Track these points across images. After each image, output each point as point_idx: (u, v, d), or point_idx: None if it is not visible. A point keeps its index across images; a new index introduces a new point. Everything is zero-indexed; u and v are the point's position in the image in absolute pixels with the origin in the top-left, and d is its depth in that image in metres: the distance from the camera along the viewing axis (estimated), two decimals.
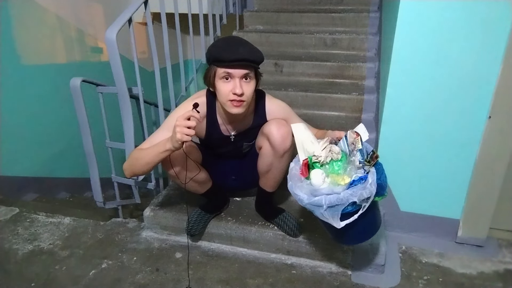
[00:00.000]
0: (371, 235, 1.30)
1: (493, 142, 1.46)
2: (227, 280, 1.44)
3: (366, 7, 2.79)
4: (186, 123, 1.13)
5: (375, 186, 1.12)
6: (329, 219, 1.13)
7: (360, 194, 1.10)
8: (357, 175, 1.14)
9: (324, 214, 1.13)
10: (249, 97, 1.28)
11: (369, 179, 1.13)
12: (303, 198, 1.16)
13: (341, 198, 1.10)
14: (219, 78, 1.25)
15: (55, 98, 2.54)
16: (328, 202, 1.11)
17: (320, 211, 1.13)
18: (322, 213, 1.14)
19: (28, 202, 2.21)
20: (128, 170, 1.34)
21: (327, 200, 1.11)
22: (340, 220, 1.13)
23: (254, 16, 2.87)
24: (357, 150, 1.19)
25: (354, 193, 1.10)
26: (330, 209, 1.12)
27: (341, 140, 1.24)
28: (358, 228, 1.20)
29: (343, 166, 1.18)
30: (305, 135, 1.29)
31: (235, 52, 1.21)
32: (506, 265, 1.53)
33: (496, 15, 1.30)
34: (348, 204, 1.11)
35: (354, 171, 1.16)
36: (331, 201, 1.11)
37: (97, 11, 3.04)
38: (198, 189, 1.52)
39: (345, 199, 1.10)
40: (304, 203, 1.17)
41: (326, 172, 1.19)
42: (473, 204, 1.57)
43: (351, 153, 1.20)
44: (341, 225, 1.13)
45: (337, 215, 1.12)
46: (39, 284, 1.43)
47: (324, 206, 1.11)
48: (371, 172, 1.15)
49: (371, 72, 2.31)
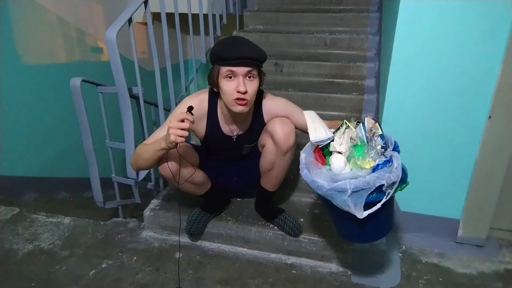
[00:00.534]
0: (386, 233, 1.23)
1: (493, 142, 1.46)
2: (227, 280, 1.44)
3: (366, 7, 2.78)
4: (179, 125, 1.14)
5: (400, 170, 1.06)
6: (351, 207, 1.04)
7: (387, 177, 1.02)
8: (381, 159, 1.08)
9: (347, 201, 1.04)
10: (253, 95, 1.29)
11: (394, 163, 1.06)
12: (323, 185, 1.07)
13: (367, 182, 1.02)
14: (223, 77, 1.26)
15: (55, 98, 2.54)
16: (354, 186, 1.02)
17: (343, 197, 1.04)
18: (345, 199, 1.04)
19: (28, 202, 2.22)
20: (134, 165, 1.39)
21: (352, 184, 1.02)
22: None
23: (254, 16, 2.87)
24: (378, 136, 1.13)
25: (381, 176, 1.02)
26: (354, 195, 1.03)
27: (358, 127, 1.19)
28: (375, 222, 1.13)
29: (364, 150, 1.12)
30: (318, 122, 1.26)
31: (238, 50, 1.22)
32: (506, 265, 1.53)
33: (496, 15, 1.30)
34: (374, 189, 1.03)
35: (378, 156, 1.09)
36: (356, 185, 1.02)
37: (97, 11, 3.04)
38: (196, 190, 1.52)
39: (371, 183, 1.02)
40: (324, 190, 1.07)
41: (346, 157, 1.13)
42: (473, 204, 1.56)
43: (371, 139, 1.14)
44: (364, 214, 1.05)
45: (361, 202, 1.04)
46: (39, 284, 1.43)
47: (349, 191, 1.02)
48: (395, 156, 1.08)
49: (371, 72, 2.31)
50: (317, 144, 1.19)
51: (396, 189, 1.09)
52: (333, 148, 1.16)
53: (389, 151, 1.11)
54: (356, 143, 1.14)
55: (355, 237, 1.28)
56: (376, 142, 1.12)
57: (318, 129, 1.21)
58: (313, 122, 1.26)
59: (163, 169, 1.36)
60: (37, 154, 2.51)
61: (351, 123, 1.21)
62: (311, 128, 1.23)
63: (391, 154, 1.10)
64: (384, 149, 1.12)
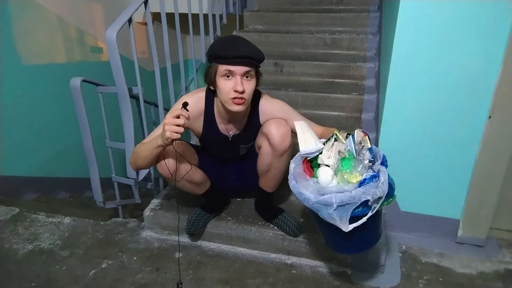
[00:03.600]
0: (373, 244, 1.24)
1: (493, 142, 1.46)
2: (227, 280, 1.44)
3: (366, 7, 2.78)
4: (174, 121, 1.15)
5: (387, 185, 1.07)
6: (336, 220, 1.06)
7: (373, 193, 1.04)
8: (368, 173, 1.09)
9: (332, 214, 1.06)
10: (250, 95, 1.29)
11: (381, 178, 1.07)
12: (310, 197, 1.09)
13: (353, 196, 1.03)
14: (220, 75, 1.26)
15: (55, 98, 2.53)
16: (339, 200, 1.04)
17: (329, 211, 1.06)
18: (330, 213, 1.06)
19: (28, 202, 2.21)
20: (133, 164, 1.40)
21: (337, 199, 1.04)
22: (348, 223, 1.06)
23: (254, 16, 2.87)
24: (366, 149, 1.14)
25: (367, 191, 1.04)
26: (340, 208, 1.05)
27: (348, 139, 1.19)
28: (361, 235, 1.15)
29: (351, 164, 1.13)
30: (308, 133, 1.26)
31: (236, 49, 1.22)
32: (506, 265, 1.53)
33: (496, 15, 1.30)
34: (359, 203, 1.04)
35: (365, 170, 1.10)
36: (342, 199, 1.04)
37: (97, 11, 3.04)
38: (195, 190, 1.52)
39: (357, 198, 1.03)
40: (310, 202, 1.09)
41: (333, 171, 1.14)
42: (473, 204, 1.57)
43: (359, 152, 1.15)
44: (349, 228, 1.06)
45: (347, 216, 1.05)
46: (39, 284, 1.43)
47: (334, 205, 1.04)
48: (382, 171, 1.10)
49: (371, 72, 2.31)
50: (305, 156, 1.20)
51: (383, 203, 1.10)
52: (321, 161, 1.16)
53: (377, 165, 1.13)
54: (344, 156, 1.15)
55: (341, 248, 1.29)
56: (364, 156, 1.13)
57: (308, 140, 1.21)
58: (303, 132, 1.25)
59: (161, 168, 1.36)
60: (37, 154, 2.51)
61: (341, 134, 1.21)
62: (301, 139, 1.23)
63: (378, 168, 1.11)
64: (372, 163, 1.13)
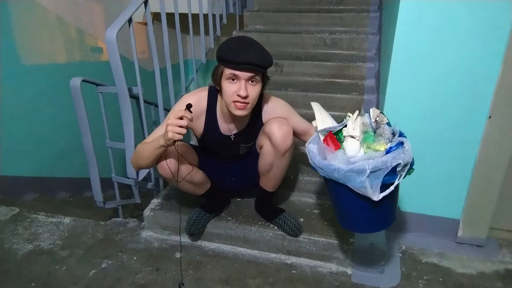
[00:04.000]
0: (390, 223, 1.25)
1: (493, 142, 1.46)
2: (227, 280, 1.44)
3: (366, 7, 2.78)
4: (177, 122, 1.15)
5: (412, 152, 1.11)
6: (368, 188, 1.07)
7: (403, 157, 1.06)
8: (393, 142, 1.13)
9: (365, 182, 1.07)
10: (254, 99, 1.29)
11: (405, 146, 1.11)
12: (340, 167, 1.10)
13: (384, 161, 1.06)
14: (226, 78, 1.26)
15: (55, 98, 2.53)
16: (372, 166, 1.06)
17: (361, 178, 1.07)
18: (363, 181, 1.07)
19: (28, 202, 2.21)
20: (134, 164, 1.40)
21: (370, 165, 1.06)
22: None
23: (254, 16, 2.87)
24: (385, 123, 1.19)
25: (397, 156, 1.06)
26: (372, 175, 1.07)
27: (365, 116, 1.24)
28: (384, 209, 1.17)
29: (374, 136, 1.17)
30: (324, 113, 1.33)
31: (243, 55, 1.21)
32: (506, 265, 1.53)
33: (496, 15, 1.30)
34: (390, 168, 1.06)
35: (389, 140, 1.14)
36: (375, 165, 1.06)
37: (97, 11, 3.04)
38: (196, 190, 1.52)
39: (389, 162, 1.06)
40: (342, 172, 1.09)
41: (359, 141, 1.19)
42: (473, 204, 1.57)
43: (379, 126, 1.19)
44: (380, 197, 1.08)
45: (378, 183, 1.07)
46: (39, 284, 1.43)
47: (368, 171, 1.06)
48: (405, 140, 1.13)
49: (371, 72, 2.31)
50: (329, 130, 1.23)
51: (408, 171, 1.13)
52: (346, 133, 1.21)
53: (397, 137, 1.17)
54: (367, 129, 1.20)
55: (359, 226, 1.28)
56: (384, 129, 1.17)
57: (325, 120, 1.29)
58: (320, 113, 1.33)
59: (162, 168, 1.36)
60: (37, 154, 2.51)
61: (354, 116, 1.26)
62: (318, 118, 1.30)
63: (399, 139, 1.15)
64: (392, 135, 1.17)
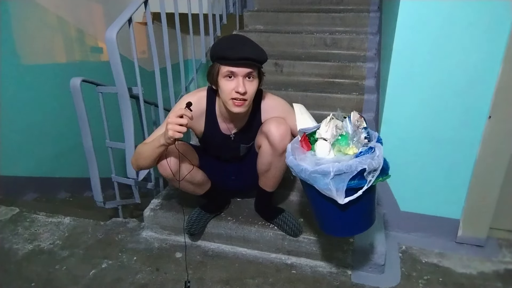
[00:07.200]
0: (365, 228, 1.24)
1: (493, 142, 1.46)
2: (227, 280, 1.44)
3: (366, 7, 2.79)
4: (177, 120, 1.15)
5: (382, 159, 1.10)
6: (333, 191, 1.07)
7: (369, 163, 1.05)
8: (364, 147, 1.13)
9: (329, 184, 1.07)
10: (251, 96, 1.29)
11: (376, 151, 1.10)
12: (307, 168, 1.10)
13: (349, 165, 1.05)
14: (223, 76, 1.26)
15: (55, 98, 2.53)
16: (336, 169, 1.05)
17: (325, 180, 1.07)
18: (327, 183, 1.07)
19: (28, 202, 2.21)
20: (134, 164, 1.40)
21: (334, 167, 1.05)
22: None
23: (254, 16, 2.87)
24: (362, 128, 1.18)
25: (363, 161, 1.06)
26: (337, 178, 1.06)
27: (344, 120, 1.23)
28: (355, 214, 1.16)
29: (348, 140, 1.17)
30: (306, 114, 1.34)
31: (239, 50, 1.22)
32: (506, 265, 1.53)
33: (496, 15, 1.30)
34: (356, 174, 1.06)
35: (361, 145, 1.14)
36: (339, 168, 1.05)
37: (97, 11, 3.04)
38: (196, 190, 1.52)
39: (353, 167, 1.05)
40: (307, 172, 1.10)
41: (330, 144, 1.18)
42: (473, 204, 1.57)
43: (356, 131, 1.19)
44: (345, 201, 1.08)
45: (343, 187, 1.06)
46: (39, 284, 1.43)
47: (331, 174, 1.05)
48: (377, 146, 1.13)
49: (371, 72, 2.31)
50: (303, 132, 1.24)
51: (377, 179, 1.11)
52: (318, 135, 1.20)
53: (373, 143, 1.16)
54: (341, 132, 1.20)
55: (333, 229, 1.27)
56: (360, 134, 1.17)
57: (305, 121, 1.31)
58: (301, 114, 1.35)
59: (162, 168, 1.36)
60: (37, 154, 2.51)
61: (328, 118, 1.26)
62: (299, 118, 1.31)
63: (374, 145, 1.15)
64: (367, 140, 1.17)
